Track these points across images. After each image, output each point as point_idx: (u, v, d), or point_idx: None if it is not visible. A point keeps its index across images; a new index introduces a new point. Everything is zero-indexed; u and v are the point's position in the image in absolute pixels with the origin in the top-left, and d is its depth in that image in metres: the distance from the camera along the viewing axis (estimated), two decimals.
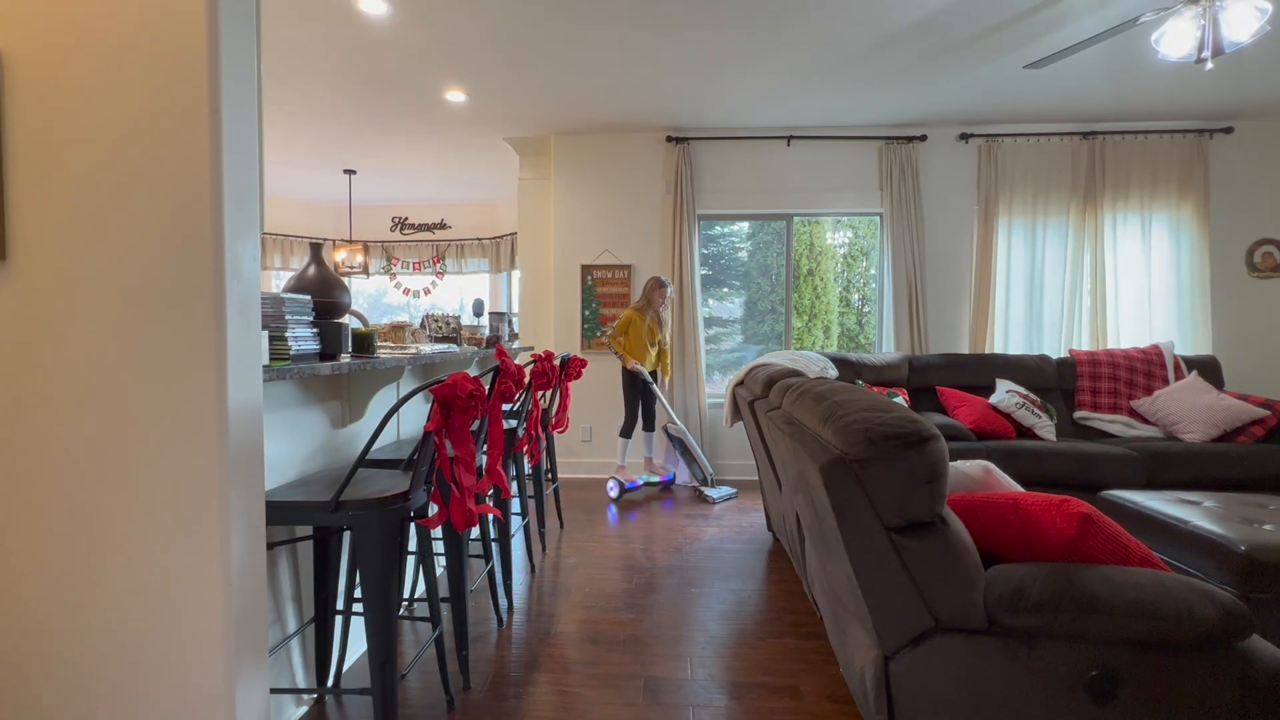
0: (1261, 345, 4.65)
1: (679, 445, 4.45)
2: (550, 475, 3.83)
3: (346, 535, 2.04)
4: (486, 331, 3.71)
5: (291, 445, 1.87)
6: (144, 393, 1.27)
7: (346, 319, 2.25)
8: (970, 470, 1.62)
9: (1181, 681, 1.20)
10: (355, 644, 2.20)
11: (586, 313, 4.98)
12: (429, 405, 3.01)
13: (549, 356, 2.80)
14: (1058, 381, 4.21)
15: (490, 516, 2.60)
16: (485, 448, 2.14)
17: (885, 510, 1.29)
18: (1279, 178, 4.61)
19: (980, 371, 4.18)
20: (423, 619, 2.09)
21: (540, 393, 2.93)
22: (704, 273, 5.27)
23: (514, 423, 2.87)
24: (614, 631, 2.36)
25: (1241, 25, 2.51)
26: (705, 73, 3.84)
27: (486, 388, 1.75)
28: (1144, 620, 1.19)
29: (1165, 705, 1.21)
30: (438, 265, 7.29)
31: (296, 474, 1.89)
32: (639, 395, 4.51)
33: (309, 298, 1.90)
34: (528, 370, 3.26)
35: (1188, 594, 1.21)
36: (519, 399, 3.06)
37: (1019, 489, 1.51)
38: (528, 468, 3.76)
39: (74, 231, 1.28)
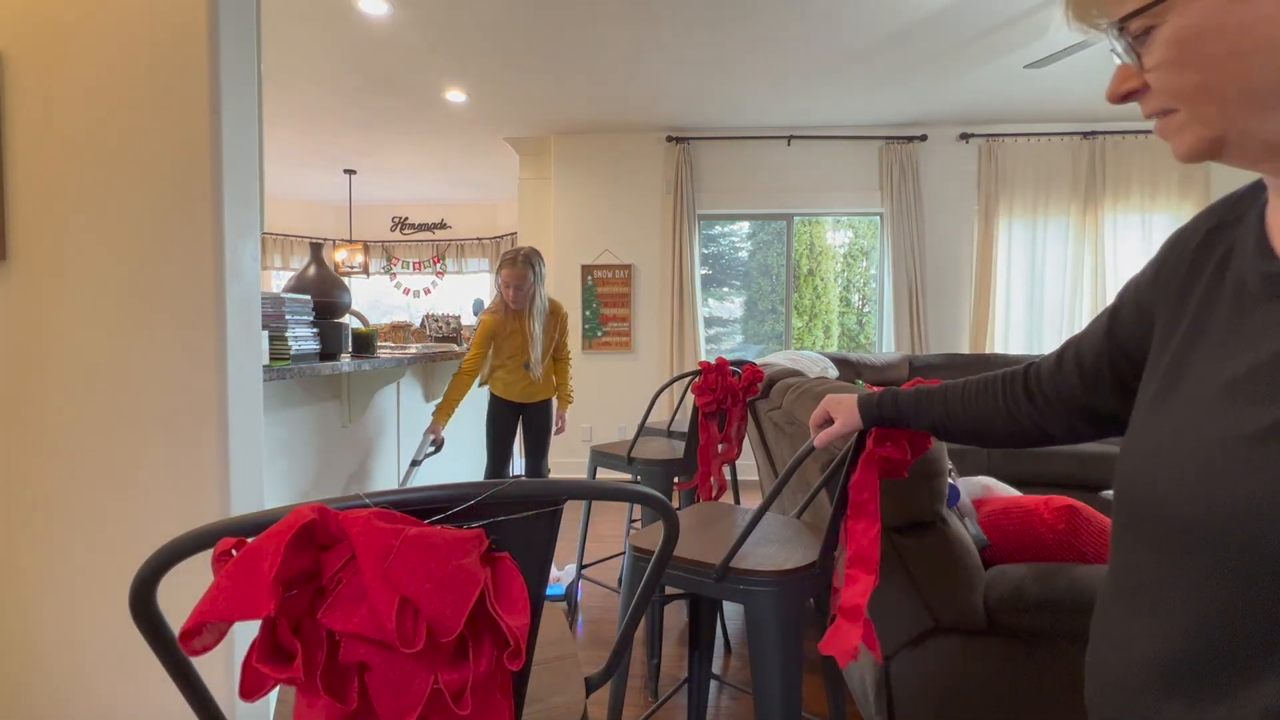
0: None
1: None
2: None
3: None
4: None
5: (291, 445, 1.87)
6: (144, 392, 1.27)
7: (346, 319, 2.25)
8: (972, 488, 1.63)
9: None
10: None
11: (587, 313, 4.98)
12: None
13: None
14: None
15: None
16: None
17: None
18: None
19: (980, 371, 4.17)
20: None
21: None
22: (704, 272, 5.27)
23: None
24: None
25: None
26: (705, 73, 3.84)
27: None
28: None
29: None
30: (438, 265, 7.29)
31: (296, 474, 1.89)
32: (497, 432, 2.86)
33: (309, 298, 1.90)
34: None
35: None
36: None
37: (1019, 496, 1.51)
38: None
39: (74, 231, 1.28)
